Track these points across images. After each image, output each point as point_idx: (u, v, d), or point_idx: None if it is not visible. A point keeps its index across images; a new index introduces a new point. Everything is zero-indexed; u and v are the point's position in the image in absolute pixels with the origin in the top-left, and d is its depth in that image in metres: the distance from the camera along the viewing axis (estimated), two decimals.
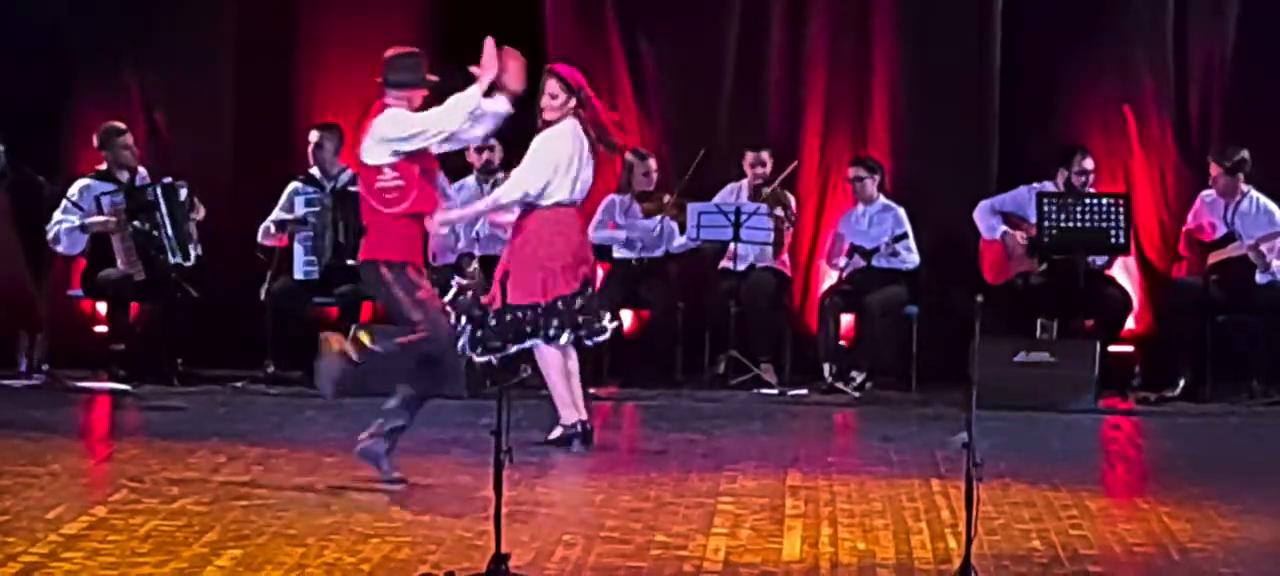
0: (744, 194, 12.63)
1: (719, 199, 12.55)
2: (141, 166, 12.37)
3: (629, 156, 12.65)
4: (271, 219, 12.31)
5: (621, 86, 13.17)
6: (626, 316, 12.86)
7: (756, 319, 12.55)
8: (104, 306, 12.45)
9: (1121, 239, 12.17)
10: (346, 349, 8.66)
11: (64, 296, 12.71)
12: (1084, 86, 13.02)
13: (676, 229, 12.54)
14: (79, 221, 12.05)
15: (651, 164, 12.70)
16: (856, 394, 12.16)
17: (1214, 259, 12.15)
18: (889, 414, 11.50)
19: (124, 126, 12.32)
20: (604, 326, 9.89)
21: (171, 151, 13.04)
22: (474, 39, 13.35)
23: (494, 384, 10.70)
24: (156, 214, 12.03)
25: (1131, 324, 12.64)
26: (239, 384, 12.00)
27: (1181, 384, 12.10)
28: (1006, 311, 12.15)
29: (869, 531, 7.81)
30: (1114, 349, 12.32)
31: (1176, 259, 12.60)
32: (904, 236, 12.39)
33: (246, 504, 8.10)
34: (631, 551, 7.34)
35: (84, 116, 12.96)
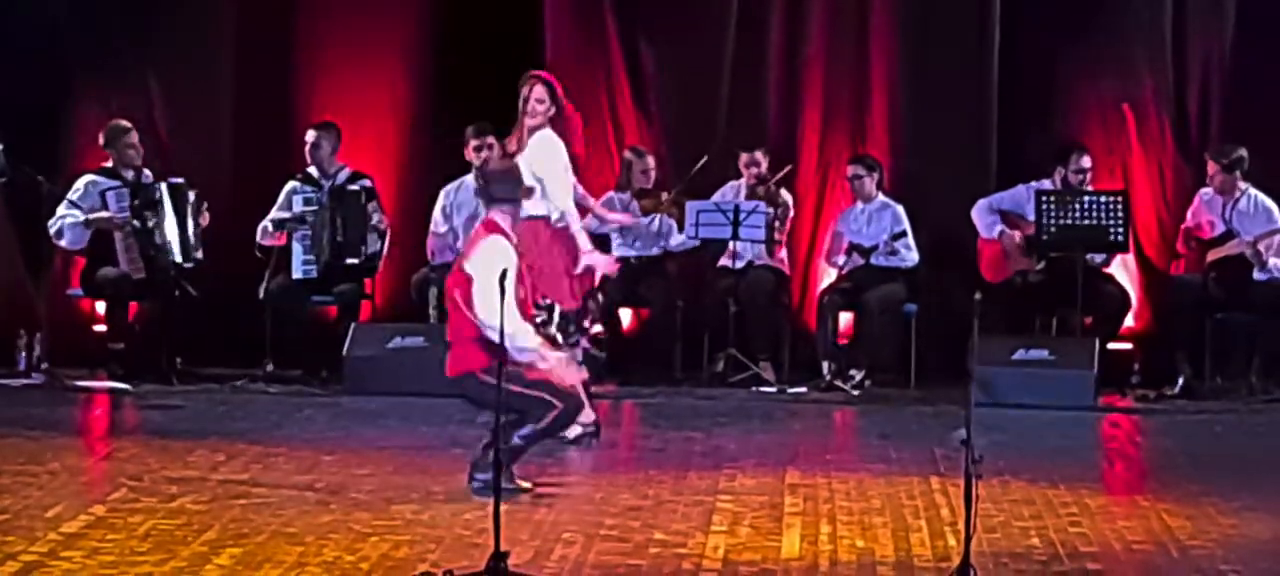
0: (742, 193, 12.63)
1: (717, 198, 12.55)
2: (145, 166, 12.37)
3: (628, 154, 12.71)
4: (270, 218, 12.31)
5: (621, 86, 13.16)
6: (625, 314, 12.87)
7: (755, 317, 12.54)
8: (103, 305, 12.43)
9: (1120, 236, 12.16)
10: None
11: (63, 295, 12.69)
12: (1083, 85, 13.00)
13: (675, 226, 12.54)
14: (83, 216, 12.04)
15: (650, 161, 12.70)
16: (855, 392, 12.15)
17: (1212, 256, 12.15)
18: (888, 412, 11.48)
19: (129, 125, 12.28)
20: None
21: (170, 151, 13.00)
22: (474, 39, 13.39)
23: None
24: (160, 212, 12.02)
25: (1130, 321, 12.64)
26: (238, 383, 11.99)
27: (1180, 381, 12.10)
28: (1005, 309, 12.16)
29: (868, 529, 7.81)
30: (1113, 346, 12.31)
31: (1175, 256, 12.59)
32: (903, 234, 12.39)
33: (245, 502, 8.11)
34: (630, 549, 7.34)
35: (84, 116, 12.96)
